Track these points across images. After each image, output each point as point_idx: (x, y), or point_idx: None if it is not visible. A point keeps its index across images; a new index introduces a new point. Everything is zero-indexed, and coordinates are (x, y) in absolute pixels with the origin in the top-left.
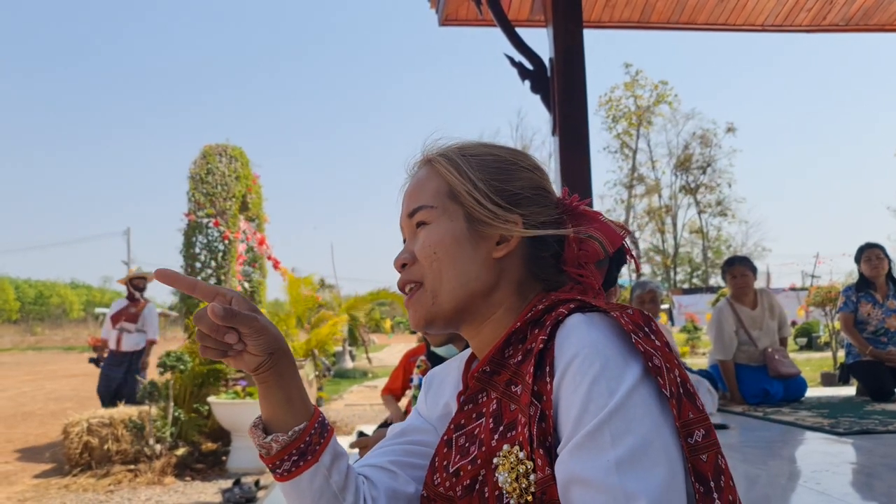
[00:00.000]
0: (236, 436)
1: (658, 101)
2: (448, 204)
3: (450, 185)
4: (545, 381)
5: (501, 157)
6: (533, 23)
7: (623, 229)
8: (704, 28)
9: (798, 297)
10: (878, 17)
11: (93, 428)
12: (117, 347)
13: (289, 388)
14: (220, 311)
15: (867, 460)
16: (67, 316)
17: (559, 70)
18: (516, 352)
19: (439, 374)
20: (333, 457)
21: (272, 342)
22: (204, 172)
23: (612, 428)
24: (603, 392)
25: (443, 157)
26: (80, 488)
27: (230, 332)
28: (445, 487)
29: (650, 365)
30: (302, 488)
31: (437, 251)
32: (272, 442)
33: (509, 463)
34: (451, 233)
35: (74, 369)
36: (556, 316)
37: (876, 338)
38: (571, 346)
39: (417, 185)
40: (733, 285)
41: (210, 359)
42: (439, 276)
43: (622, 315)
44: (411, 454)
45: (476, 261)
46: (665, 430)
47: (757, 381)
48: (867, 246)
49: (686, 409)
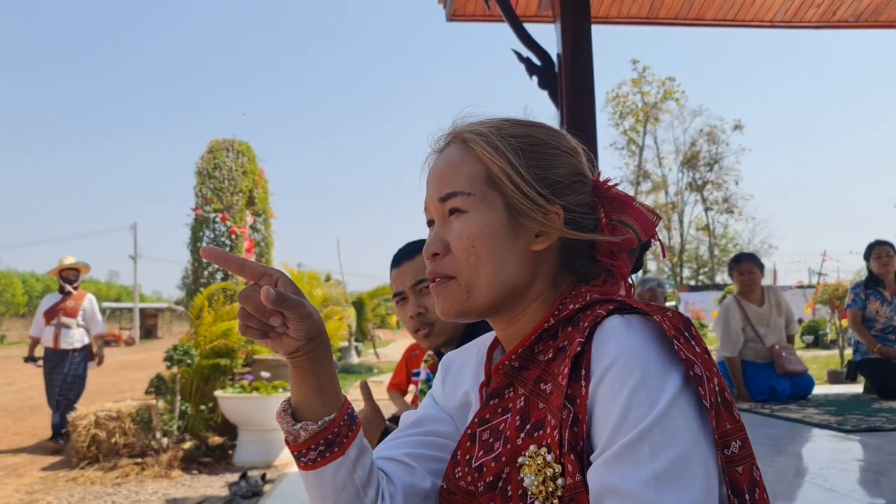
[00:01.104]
0: (243, 430)
1: (665, 97)
2: (487, 192)
3: (489, 170)
4: (580, 385)
5: (541, 140)
6: (541, 18)
7: (654, 215)
8: (713, 24)
9: (805, 294)
10: (888, 13)
11: (100, 421)
12: (55, 345)
13: (322, 376)
14: (273, 296)
15: (875, 457)
16: None
17: (567, 66)
18: (546, 348)
19: (457, 359)
20: (359, 451)
21: (314, 328)
22: (211, 167)
23: (652, 440)
24: (643, 402)
25: (479, 136)
26: (87, 481)
27: (275, 315)
28: (467, 482)
29: (691, 374)
30: (325, 480)
31: (476, 245)
32: (301, 430)
33: (536, 465)
34: (491, 225)
35: None
36: (595, 317)
37: (884, 335)
38: (610, 350)
39: (450, 166)
40: (740, 282)
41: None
42: (476, 270)
43: (664, 319)
44: (428, 446)
45: (515, 254)
46: (703, 443)
47: (764, 378)
48: (877, 243)
49: (724, 420)
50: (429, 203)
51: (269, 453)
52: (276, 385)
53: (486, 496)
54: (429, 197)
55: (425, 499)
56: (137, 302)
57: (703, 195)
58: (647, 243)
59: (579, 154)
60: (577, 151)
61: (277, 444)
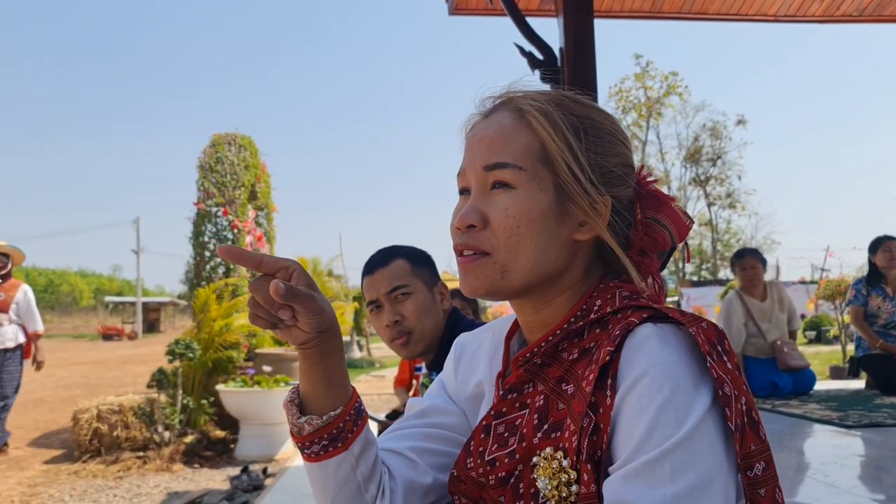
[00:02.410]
0: (244, 424)
1: (668, 92)
2: (540, 169)
3: (545, 147)
4: (605, 394)
5: (600, 124)
6: (543, 12)
7: (689, 218)
8: (716, 18)
9: (808, 290)
10: (892, 7)
11: (102, 415)
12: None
13: (331, 368)
14: (281, 290)
15: (876, 453)
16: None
17: (569, 60)
18: (571, 347)
19: (471, 344)
20: (364, 446)
21: (324, 322)
22: (213, 161)
23: (674, 460)
24: (670, 420)
25: (538, 108)
26: (89, 474)
27: (284, 308)
28: (478, 473)
29: (720, 393)
30: (328, 473)
31: (521, 225)
32: (305, 423)
33: (551, 468)
34: (540, 205)
35: (84, 357)
36: (627, 325)
37: (886, 331)
38: (641, 362)
39: (502, 135)
40: (743, 277)
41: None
42: (515, 252)
43: (699, 332)
44: (432, 438)
45: (558, 240)
46: (725, 466)
47: (766, 373)
48: (886, 238)
49: (749, 441)
50: (468, 169)
51: (270, 447)
52: (277, 379)
53: (497, 490)
54: (469, 162)
55: (425, 494)
56: (140, 296)
57: (706, 190)
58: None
59: (630, 144)
60: (628, 140)
61: (279, 438)
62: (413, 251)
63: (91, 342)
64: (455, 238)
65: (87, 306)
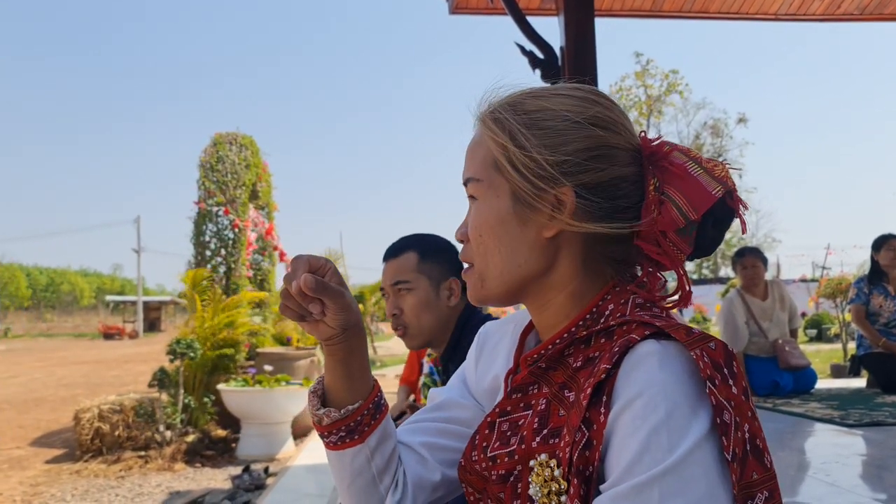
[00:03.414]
0: (246, 423)
1: (669, 90)
2: (494, 177)
3: (493, 154)
4: (599, 411)
5: (556, 114)
6: (544, 11)
7: (718, 184)
8: (717, 17)
9: (808, 288)
10: (893, 6)
11: (104, 414)
12: None
13: (353, 366)
14: (311, 283)
15: (877, 452)
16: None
17: (570, 59)
18: (577, 353)
19: (493, 336)
20: (381, 439)
21: (350, 319)
22: (214, 161)
23: (664, 487)
24: (662, 445)
25: (491, 116)
26: (91, 474)
27: (314, 302)
28: (481, 467)
29: (718, 421)
30: (344, 463)
31: (483, 233)
32: (324, 415)
33: (543, 476)
34: (496, 212)
35: (85, 356)
36: (627, 342)
37: (888, 329)
38: (637, 382)
39: (470, 149)
40: (744, 276)
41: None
42: (485, 259)
43: (703, 354)
44: (445, 434)
45: (524, 243)
46: (719, 496)
47: (767, 372)
48: (890, 236)
49: (750, 470)
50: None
51: (272, 446)
52: (278, 378)
53: (498, 486)
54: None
55: (433, 490)
56: (141, 295)
57: None
58: (726, 215)
59: (612, 123)
60: (608, 120)
61: (280, 437)
62: (428, 244)
63: (92, 341)
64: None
65: (87, 305)
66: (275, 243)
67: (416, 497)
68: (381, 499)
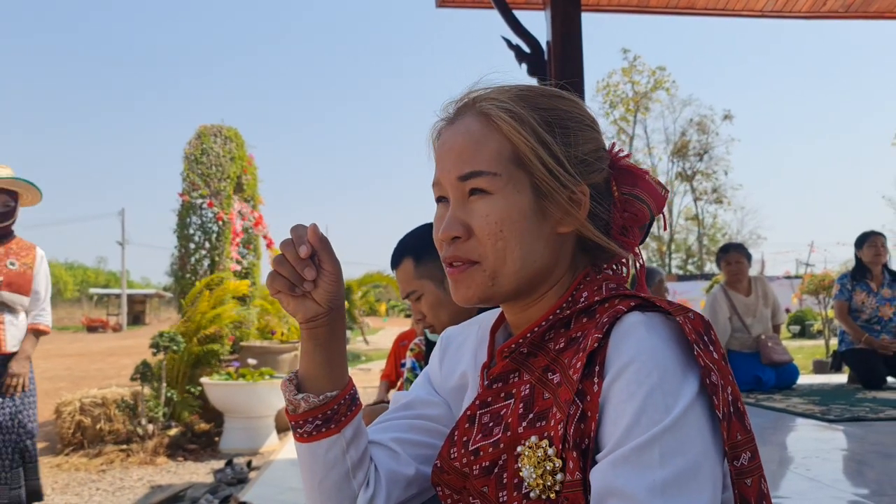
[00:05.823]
0: (229, 417)
1: (655, 87)
2: (514, 171)
3: (516, 148)
4: (592, 381)
5: (568, 113)
6: (530, 5)
7: (663, 188)
8: (703, 13)
9: (792, 284)
10: (877, 4)
11: (85, 408)
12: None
13: (333, 351)
14: (318, 231)
15: (858, 447)
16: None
17: (556, 54)
18: (558, 336)
19: (457, 336)
20: (355, 433)
21: (338, 297)
22: (198, 153)
23: (663, 446)
24: (658, 406)
25: (503, 109)
26: (72, 467)
27: (309, 267)
28: (462, 463)
29: (707, 381)
30: (317, 455)
31: (505, 230)
32: (301, 400)
33: (536, 457)
34: (519, 208)
35: (68, 349)
36: (614, 312)
37: (870, 326)
38: (628, 349)
39: (471, 142)
40: (728, 272)
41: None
42: (503, 256)
43: (686, 321)
44: (416, 430)
45: (541, 238)
46: (713, 454)
47: (749, 367)
48: (872, 233)
49: (735, 430)
50: (443, 179)
51: (254, 440)
52: (262, 372)
53: (481, 480)
54: (443, 172)
55: (407, 486)
56: (125, 288)
57: (693, 185)
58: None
59: (598, 125)
60: (597, 122)
61: (263, 431)
62: (417, 246)
63: (75, 334)
64: (442, 250)
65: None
66: (265, 232)
67: (390, 493)
68: (354, 496)
